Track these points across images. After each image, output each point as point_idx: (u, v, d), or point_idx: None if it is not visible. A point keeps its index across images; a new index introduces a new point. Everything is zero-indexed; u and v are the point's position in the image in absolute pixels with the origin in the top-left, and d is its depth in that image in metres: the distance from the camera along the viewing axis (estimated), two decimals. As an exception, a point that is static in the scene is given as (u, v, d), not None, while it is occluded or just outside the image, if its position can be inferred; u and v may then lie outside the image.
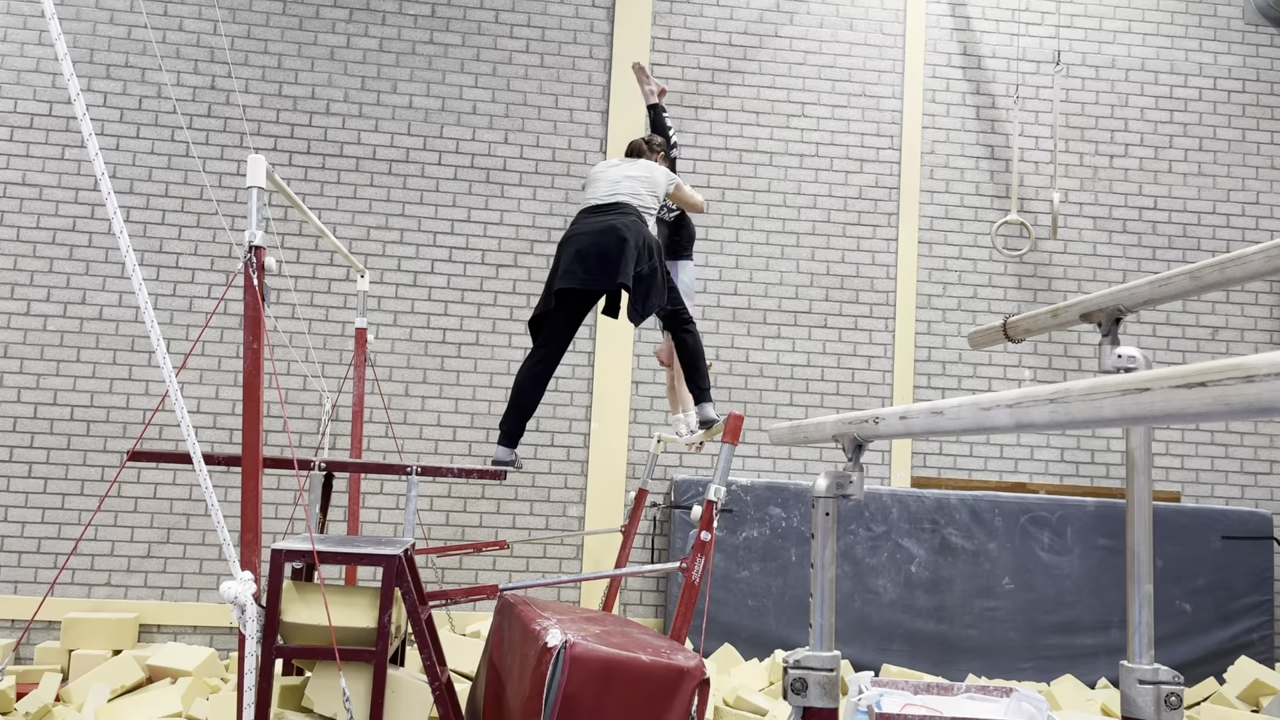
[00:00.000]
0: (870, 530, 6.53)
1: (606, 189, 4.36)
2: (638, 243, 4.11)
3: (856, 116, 7.24)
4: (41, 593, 6.08)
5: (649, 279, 4.14)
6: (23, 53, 6.58)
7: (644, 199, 4.33)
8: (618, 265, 4.04)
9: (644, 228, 4.22)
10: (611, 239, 4.09)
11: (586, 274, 4.08)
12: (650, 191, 4.38)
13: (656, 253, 4.22)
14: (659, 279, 4.18)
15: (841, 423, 2.35)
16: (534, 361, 4.25)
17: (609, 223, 4.16)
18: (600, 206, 4.29)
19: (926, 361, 7.18)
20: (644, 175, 4.43)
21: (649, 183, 4.40)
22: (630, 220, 4.19)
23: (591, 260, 4.08)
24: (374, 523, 6.58)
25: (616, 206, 4.26)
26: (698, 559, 3.74)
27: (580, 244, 4.15)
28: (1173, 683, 2.56)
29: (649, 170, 4.47)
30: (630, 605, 6.71)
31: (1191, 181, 7.48)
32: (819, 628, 2.33)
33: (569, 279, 4.11)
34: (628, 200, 4.29)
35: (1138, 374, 1.20)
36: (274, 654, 3.26)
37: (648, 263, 4.14)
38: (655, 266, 4.18)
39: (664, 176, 4.50)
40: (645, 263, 4.13)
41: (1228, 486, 7.29)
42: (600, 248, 4.09)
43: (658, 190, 4.42)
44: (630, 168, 4.47)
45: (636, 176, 4.41)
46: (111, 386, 6.48)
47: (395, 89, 6.89)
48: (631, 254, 4.06)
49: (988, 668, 6.40)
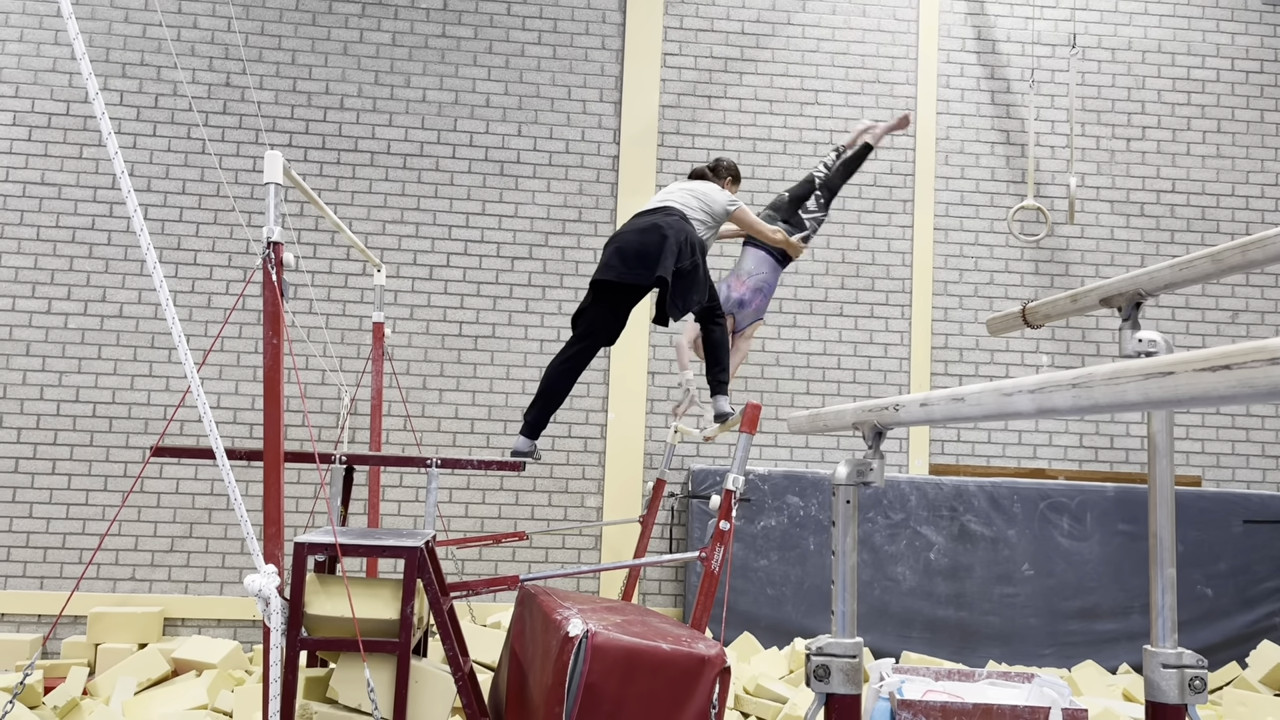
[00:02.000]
0: (889, 518, 6.52)
1: (660, 197, 4.49)
2: (679, 239, 4.16)
3: (870, 103, 7.21)
4: (67, 588, 6.15)
5: (690, 275, 4.18)
6: (39, 53, 6.62)
7: (692, 209, 4.40)
8: (657, 259, 4.08)
9: (687, 226, 4.28)
10: (653, 236, 4.16)
11: (625, 267, 4.12)
12: (701, 206, 4.43)
13: (699, 251, 4.27)
14: (699, 276, 4.22)
15: (861, 410, 2.35)
16: (567, 355, 4.27)
17: (652, 221, 4.25)
18: (647, 210, 4.41)
19: (943, 348, 7.16)
20: (699, 190, 4.51)
21: (702, 197, 4.47)
22: (673, 220, 4.26)
23: (630, 255, 4.13)
24: (394, 516, 6.62)
25: (663, 209, 4.36)
26: (717, 548, 3.74)
27: (622, 240, 4.23)
28: (1196, 666, 2.56)
29: (706, 188, 4.54)
30: (649, 595, 6.73)
31: (1210, 164, 7.42)
32: (841, 615, 2.34)
33: (606, 271, 4.16)
34: (676, 205, 4.37)
35: (1161, 358, 1.19)
36: (298, 646, 3.28)
37: (689, 259, 4.18)
38: (697, 263, 4.22)
39: (723, 197, 4.54)
40: (687, 259, 4.17)
41: (1249, 470, 7.25)
42: (640, 244, 4.16)
43: (711, 206, 4.46)
44: (690, 184, 4.58)
45: (690, 189, 4.51)
46: (133, 383, 6.54)
47: (409, 83, 6.90)
48: (672, 249, 4.10)
49: (1008, 654, 6.39)
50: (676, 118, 7.07)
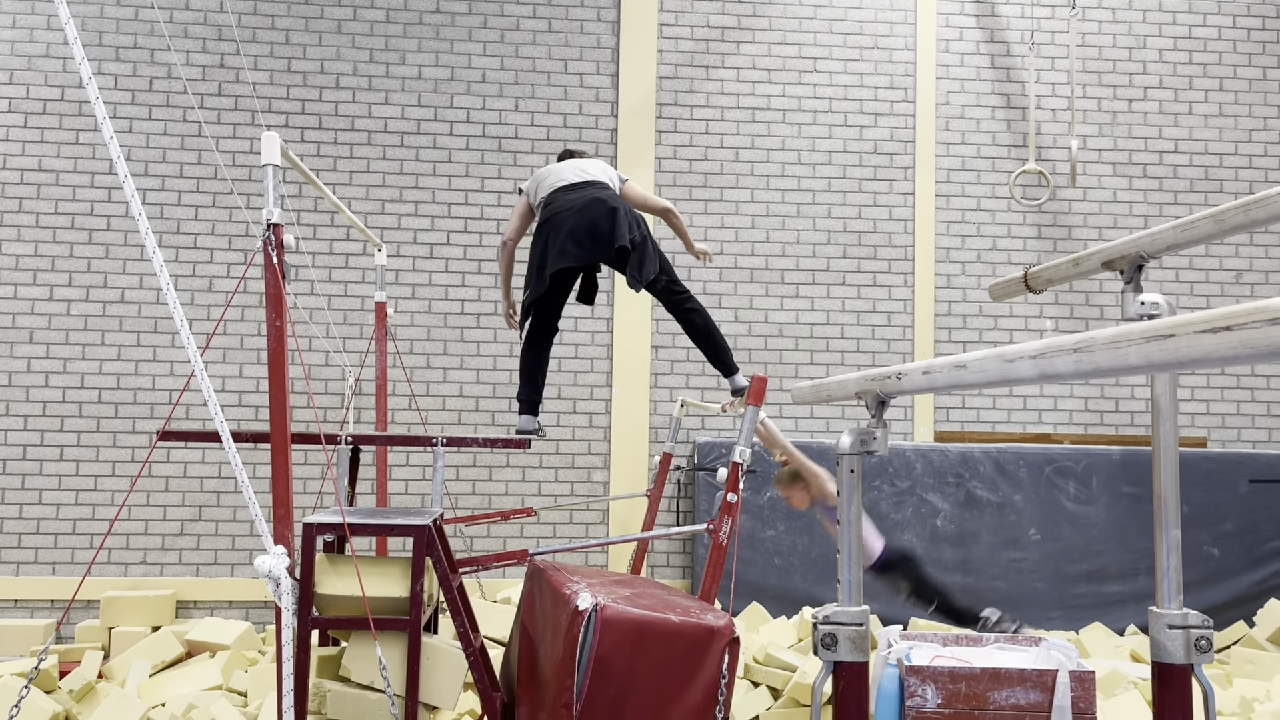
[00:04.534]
0: (895, 485, 6.53)
1: (574, 173, 4.39)
2: (625, 210, 4.20)
3: (869, 70, 7.15)
4: (79, 573, 6.20)
5: (641, 246, 4.20)
6: (32, 38, 6.58)
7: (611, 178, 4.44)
8: (611, 233, 4.10)
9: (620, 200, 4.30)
10: (600, 209, 4.15)
11: (580, 250, 4.12)
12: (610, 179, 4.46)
13: (642, 222, 4.29)
14: (650, 247, 4.24)
15: (864, 379, 2.35)
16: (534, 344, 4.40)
17: (592, 195, 4.21)
18: (574, 185, 4.33)
19: (947, 315, 7.14)
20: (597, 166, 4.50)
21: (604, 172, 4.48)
22: (610, 192, 4.28)
23: (584, 235, 4.12)
24: (402, 494, 6.65)
25: (594, 183, 4.33)
26: (724, 520, 3.76)
27: (570, 222, 4.16)
28: (1202, 626, 2.57)
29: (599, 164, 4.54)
30: (658, 568, 6.77)
31: (1213, 123, 7.36)
32: (847, 583, 2.35)
33: (564, 258, 4.13)
34: (600, 178, 4.36)
35: (1162, 321, 1.19)
36: (310, 625, 3.31)
37: (637, 231, 4.20)
38: (645, 234, 4.25)
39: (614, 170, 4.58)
40: (636, 231, 4.19)
41: (1254, 430, 7.24)
42: (591, 220, 4.13)
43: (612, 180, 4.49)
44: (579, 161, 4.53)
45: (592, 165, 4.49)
46: (137, 368, 6.55)
47: (404, 60, 6.86)
48: (623, 220, 4.11)
49: (1016, 618, 6.42)
50: (674, 89, 7.02)
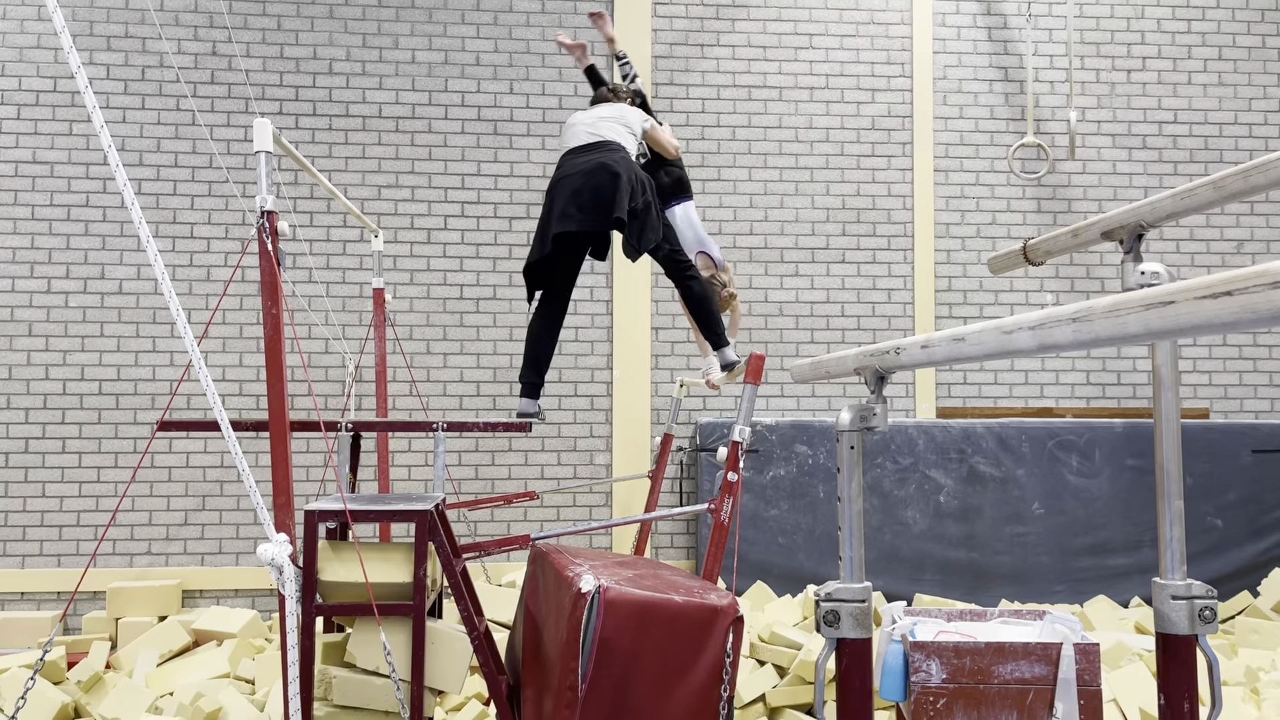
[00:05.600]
0: (897, 463, 6.53)
1: (586, 131, 4.31)
2: (630, 177, 4.08)
3: (866, 45, 7.10)
4: (84, 565, 6.21)
5: (643, 214, 4.10)
6: (23, 29, 6.54)
7: (624, 136, 4.30)
8: (613, 201, 4.00)
9: (632, 163, 4.19)
10: (604, 175, 4.05)
11: (583, 215, 4.04)
12: (628, 130, 4.34)
13: (649, 188, 4.19)
14: (653, 214, 4.15)
15: (863, 355, 2.33)
16: (542, 313, 4.25)
17: (598, 160, 4.11)
18: (584, 146, 4.24)
19: (947, 291, 7.12)
20: (616, 115, 4.39)
21: (623, 121, 4.36)
22: (619, 155, 4.14)
23: (587, 200, 4.04)
24: (404, 480, 6.65)
25: (602, 145, 4.21)
26: (726, 499, 3.75)
27: (574, 184, 4.09)
28: (1206, 597, 2.56)
29: (620, 111, 4.43)
30: (661, 549, 6.78)
31: (1212, 92, 7.31)
32: (848, 560, 2.34)
33: (566, 222, 4.06)
34: (610, 138, 4.25)
35: (1161, 287, 1.18)
36: (314, 612, 3.31)
37: (641, 198, 4.10)
38: (649, 201, 4.15)
39: (636, 115, 4.45)
40: (639, 198, 4.09)
41: (1257, 400, 7.23)
42: (594, 186, 4.04)
43: (634, 129, 4.38)
44: (602, 110, 4.44)
45: (609, 117, 4.37)
46: (137, 359, 6.54)
47: (397, 44, 6.81)
48: (625, 189, 4.01)
49: (1020, 593, 6.43)
50: (669, 68, 6.98)
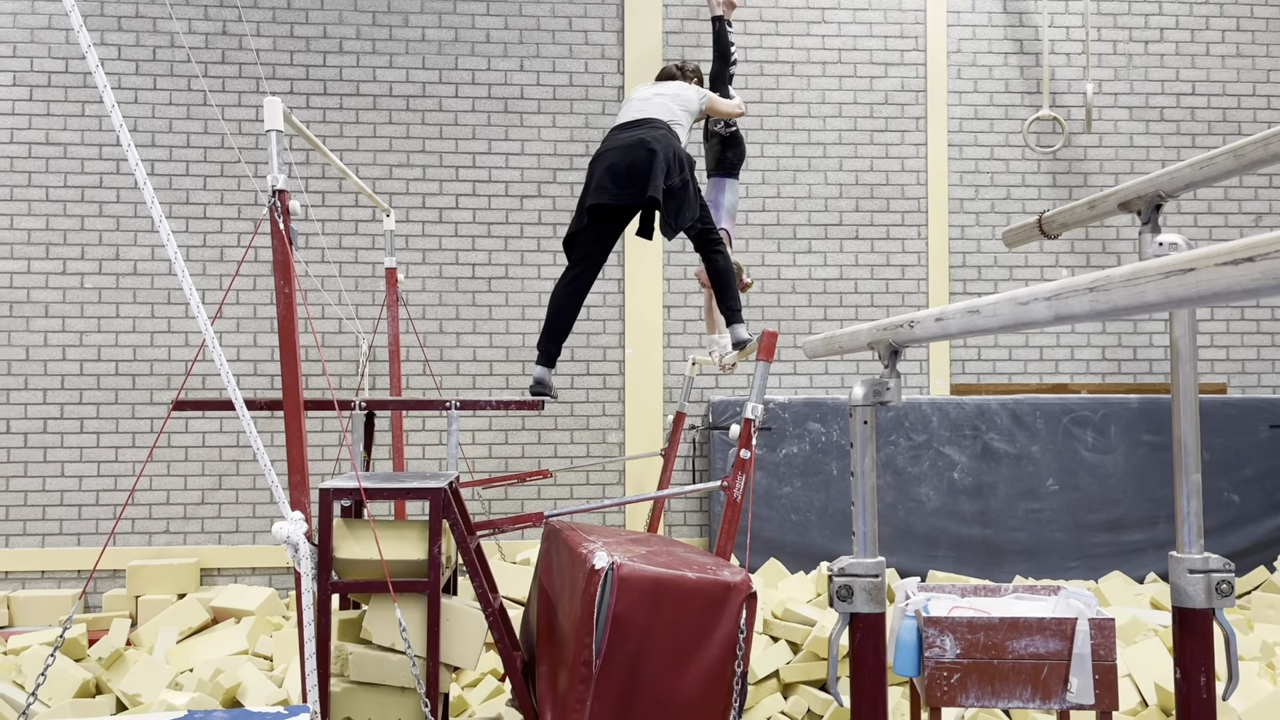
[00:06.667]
0: (911, 440, 6.51)
1: (637, 108, 4.38)
2: (667, 155, 4.08)
3: (879, 19, 7.03)
4: (103, 544, 6.26)
5: (680, 193, 4.11)
6: (34, 9, 6.54)
7: (675, 114, 4.34)
8: (648, 179, 4.02)
9: (674, 141, 4.20)
10: (640, 152, 4.07)
11: (618, 189, 4.07)
12: (682, 107, 4.39)
13: (688, 166, 4.20)
14: (690, 193, 4.15)
15: (877, 329, 2.32)
16: (568, 280, 4.26)
17: (638, 136, 4.14)
18: (629, 123, 4.30)
19: (961, 267, 7.07)
20: (673, 93, 4.45)
21: (679, 99, 4.42)
22: (660, 134, 4.17)
23: (622, 175, 4.07)
24: (418, 459, 6.67)
25: (646, 122, 4.26)
26: (738, 477, 3.75)
27: (611, 159, 4.13)
28: (1223, 570, 2.55)
29: (679, 89, 4.49)
30: (674, 526, 6.79)
31: (1230, 64, 7.21)
32: (861, 535, 2.34)
33: (600, 195, 4.10)
34: (657, 116, 4.29)
35: (1181, 254, 1.16)
36: (329, 590, 3.33)
37: (678, 176, 4.11)
38: (686, 180, 4.15)
39: (694, 93, 4.52)
40: (676, 176, 4.10)
41: (1275, 375, 7.17)
42: (630, 162, 4.07)
43: (690, 106, 4.44)
44: (660, 87, 4.51)
45: (665, 94, 4.43)
46: (152, 340, 6.57)
47: (407, 22, 6.78)
48: (661, 167, 4.03)
49: (1035, 569, 6.42)
50: (681, 44, 6.92)
